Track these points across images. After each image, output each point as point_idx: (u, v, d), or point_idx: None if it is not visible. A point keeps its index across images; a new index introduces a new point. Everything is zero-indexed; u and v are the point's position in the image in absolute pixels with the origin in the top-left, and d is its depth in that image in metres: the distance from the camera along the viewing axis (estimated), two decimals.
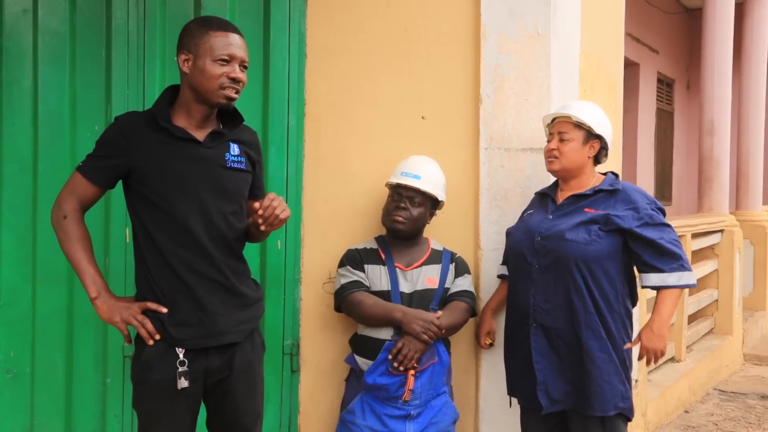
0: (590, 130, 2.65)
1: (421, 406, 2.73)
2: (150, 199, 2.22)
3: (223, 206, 2.28)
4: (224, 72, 2.19)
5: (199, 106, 2.25)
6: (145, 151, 2.21)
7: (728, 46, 6.67)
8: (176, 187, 2.21)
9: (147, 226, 2.22)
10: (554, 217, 2.67)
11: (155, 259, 2.23)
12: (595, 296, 2.55)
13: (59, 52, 2.99)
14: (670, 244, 2.54)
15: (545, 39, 2.99)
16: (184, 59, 2.21)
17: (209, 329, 2.24)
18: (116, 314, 2.21)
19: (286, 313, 3.11)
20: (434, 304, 2.80)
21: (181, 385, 2.18)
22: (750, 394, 5.47)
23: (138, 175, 2.22)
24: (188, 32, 2.23)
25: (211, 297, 2.25)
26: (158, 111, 2.24)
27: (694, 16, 9.73)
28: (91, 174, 2.26)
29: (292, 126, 3.09)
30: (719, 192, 6.64)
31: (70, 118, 2.99)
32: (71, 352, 3.04)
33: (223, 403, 2.33)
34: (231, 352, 2.30)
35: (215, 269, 2.26)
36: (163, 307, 2.21)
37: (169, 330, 2.20)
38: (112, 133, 2.25)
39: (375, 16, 3.12)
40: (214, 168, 2.27)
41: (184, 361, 2.19)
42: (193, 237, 2.22)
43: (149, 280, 2.24)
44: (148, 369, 2.20)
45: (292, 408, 3.13)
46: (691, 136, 10.37)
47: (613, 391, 2.52)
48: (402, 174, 2.84)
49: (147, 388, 2.21)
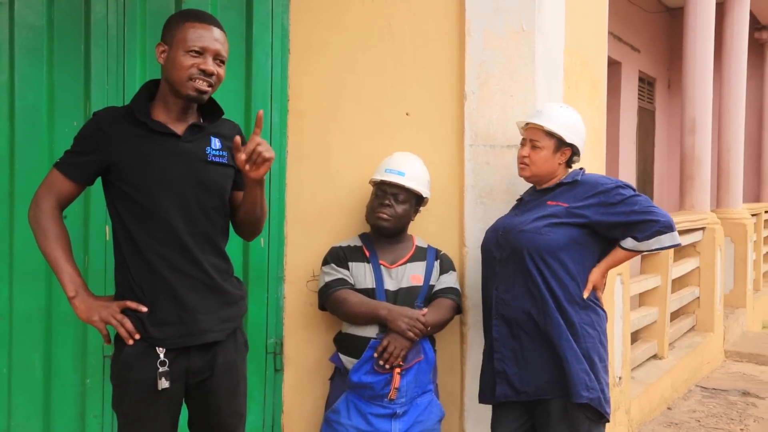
0: (562, 139, 2.65)
1: (406, 404, 2.71)
2: (129, 195, 2.18)
3: (204, 201, 2.24)
4: (195, 63, 2.14)
5: (176, 99, 2.21)
6: (123, 146, 2.17)
7: (709, 46, 6.71)
8: (156, 182, 2.17)
9: (126, 223, 2.18)
10: (519, 213, 2.72)
11: (135, 256, 2.18)
12: (551, 285, 2.56)
13: (36, 46, 2.93)
14: (641, 215, 2.54)
15: (530, 35, 2.97)
16: (161, 51, 2.20)
17: (190, 328, 2.19)
18: (95, 313, 2.16)
19: (270, 311, 3.08)
20: (419, 301, 2.78)
21: (161, 386, 2.14)
22: (731, 391, 5.51)
23: (117, 171, 2.18)
24: (168, 24, 2.21)
25: (192, 295, 2.20)
26: (136, 105, 2.20)
27: (675, 16, 9.80)
28: (69, 171, 2.21)
29: (275, 122, 3.06)
30: (701, 190, 6.68)
31: (48, 113, 2.93)
32: (49, 352, 2.99)
33: (206, 403, 2.29)
34: (213, 351, 2.25)
35: (196, 266, 2.21)
36: (143, 305, 2.17)
37: (149, 329, 2.16)
38: (90, 129, 2.21)
39: (359, 11, 3.09)
40: (194, 162, 2.22)
41: (165, 361, 2.15)
42: (174, 233, 2.18)
43: (128, 279, 2.20)
44: (127, 369, 2.15)
45: (275, 407, 3.10)
46: (672, 135, 10.44)
47: (575, 379, 2.51)
48: (386, 171, 2.81)
49: (127, 388, 2.17)
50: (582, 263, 2.61)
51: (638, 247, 2.57)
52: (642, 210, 2.54)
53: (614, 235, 2.59)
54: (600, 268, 2.62)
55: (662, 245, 2.57)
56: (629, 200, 2.57)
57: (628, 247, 2.58)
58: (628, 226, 2.55)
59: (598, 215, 2.57)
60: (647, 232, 2.53)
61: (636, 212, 2.54)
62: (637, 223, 2.54)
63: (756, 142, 10.03)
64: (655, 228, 2.53)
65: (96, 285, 2.77)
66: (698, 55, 6.68)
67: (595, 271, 2.62)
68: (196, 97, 2.18)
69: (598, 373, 2.57)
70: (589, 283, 2.60)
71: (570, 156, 2.71)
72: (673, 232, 2.56)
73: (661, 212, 2.56)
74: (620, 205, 2.56)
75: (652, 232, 2.53)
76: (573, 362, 2.52)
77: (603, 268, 2.63)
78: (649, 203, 2.58)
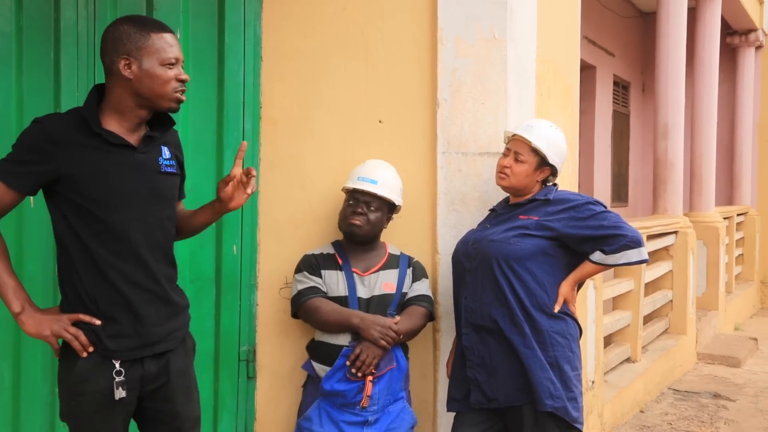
0: (545, 158, 2.68)
1: (378, 412, 2.72)
2: (85, 208, 2.09)
3: (159, 212, 2.21)
4: (173, 75, 2.12)
5: (139, 110, 2.14)
6: (77, 158, 2.07)
7: (681, 50, 6.79)
8: (114, 195, 2.11)
9: (81, 236, 2.10)
10: (491, 226, 2.75)
11: (89, 270, 2.11)
12: (518, 294, 2.58)
13: (5, 53, 2.89)
14: (610, 230, 2.57)
15: (502, 43, 3.00)
16: (124, 64, 2.07)
17: (145, 339, 2.17)
18: (45, 328, 2.09)
19: (242, 318, 3.07)
20: (392, 309, 2.79)
21: (118, 396, 2.11)
22: (703, 393, 5.58)
23: (69, 183, 2.08)
24: (125, 35, 2.09)
25: (147, 307, 2.18)
26: (90, 115, 2.11)
27: (648, 20, 9.89)
28: (11, 180, 2.07)
29: (247, 130, 3.06)
30: (673, 194, 6.75)
31: (17, 121, 2.89)
32: (18, 361, 2.95)
33: (163, 410, 2.26)
34: (166, 358, 2.24)
35: (152, 280, 2.19)
36: (96, 318, 2.11)
37: (105, 342, 2.11)
38: (36, 137, 2.07)
39: (332, 19, 3.09)
40: (149, 174, 2.18)
41: (121, 371, 2.12)
42: (132, 247, 2.14)
43: (79, 291, 2.13)
44: (82, 381, 2.11)
45: (248, 415, 3.09)
46: (646, 139, 10.54)
47: (539, 387, 2.54)
48: (359, 179, 2.82)
49: (82, 400, 2.12)
50: (551, 273, 2.63)
51: (606, 260, 2.60)
52: (611, 225, 2.58)
53: (584, 249, 2.62)
54: (569, 281, 2.65)
55: (630, 260, 2.59)
56: (599, 215, 2.60)
57: (596, 260, 2.60)
58: (596, 240, 2.58)
59: (567, 228, 2.60)
60: (615, 245, 2.56)
61: (605, 227, 2.57)
62: (605, 237, 2.57)
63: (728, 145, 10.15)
64: (623, 242, 2.56)
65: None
66: (671, 60, 6.75)
67: (564, 284, 2.64)
68: (175, 108, 2.17)
69: (568, 381, 2.59)
70: (559, 297, 2.62)
71: (548, 175, 2.75)
72: (641, 247, 2.59)
73: (630, 228, 2.59)
74: (590, 219, 2.59)
75: (620, 246, 2.56)
76: (536, 370, 2.55)
77: (572, 281, 2.66)
78: (619, 219, 2.62)
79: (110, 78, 2.13)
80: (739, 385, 5.83)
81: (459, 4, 3.00)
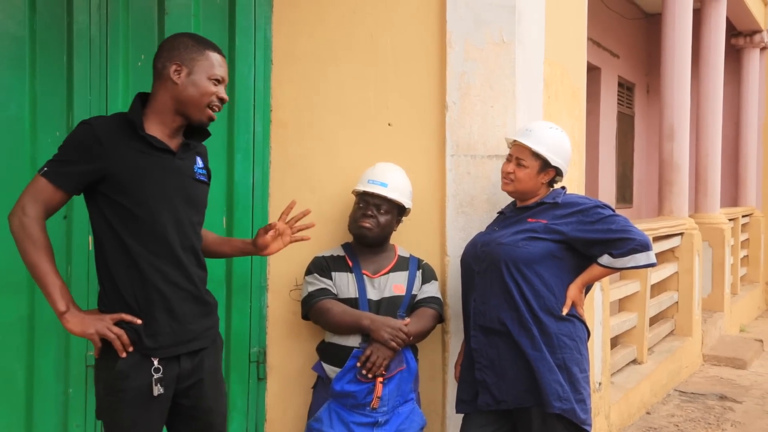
0: (547, 161, 2.70)
1: (388, 413, 2.74)
2: (126, 208, 2.18)
3: (192, 217, 2.33)
4: (215, 91, 2.25)
5: (176, 116, 2.26)
6: (123, 158, 2.16)
7: (686, 52, 6.79)
8: (155, 197, 2.20)
9: (121, 236, 2.18)
10: (499, 228, 2.76)
11: (129, 269, 2.20)
12: (527, 296, 2.60)
13: (18, 56, 2.91)
14: (618, 233, 2.58)
15: (510, 47, 3.01)
16: (175, 69, 2.21)
17: (181, 337, 2.26)
18: (90, 326, 2.16)
19: (253, 320, 3.09)
20: (402, 310, 2.81)
21: (156, 392, 2.19)
22: (709, 395, 5.58)
23: (114, 183, 2.17)
24: (182, 45, 2.24)
25: (183, 306, 2.27)
26: (136, 119, 2.21)
27: (653, 22, 9.90)
28: (58, 180, 2.16)
29: (258, 133, 3.08)
30: (679, 195, 6.75)
31: (31, 124, 2.92)
32: (32, 362, 2.97)
33: (196, 406, 2.34)
34: (200, 356, 2.33)
35: (188, 280, 2.28)
36: (137, 317, 2.19)
37: (144, 340, 2.20)
38: (85, 138, 2.16)
39: (341, 23, 3.11)
40: (185, 179, 2.30)
41: (159, 368, 2.20)
42: (170, 247, 2.23)
43: (120, 288, 2.21)
44: (123, 378, 2.17)
45: (258, 416, 3.11)
46: (650, 140, 10.54)
47: (547, 389, 2.55)
48: (369, 182, 2.84)
49: (122, 396, 2.18)
50: (559, 276, 2.65)
51: (614, 263, 2.61)
52: (619, 228, 2.59)
53: (592, 252, 2.63)
54: (576, 284, 2.67)
55: (638, 263, 2.60)
56: (607, 219, 2.61)
57: (604, 263, 2.62)
58: (604, 244, 2.59)
59: (575, 232, 2.62)
60: (623, 249, 2.57)
61: (613, 230, 2.59)
62: (613, 241, 2.58)
63: (733, 147, 10.15)
64: (631, 246, 2.57)
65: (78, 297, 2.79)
66: (676, 61, 6.76)
67: (572, 287, 2.66)
68: (205, 123, 2.29)
69: (577, 383, 2.61)
70: (567, 299, 2.64)
71: (553, 176, 2.76)
72: (649, 251, 2.60)
73: (638, 232, 2.61)
74: (598, 223, 2.61)
75: (628, 250, 2.57)
76: (545, 372, 2.56)
77: (579, 284, 2.67)
78: (627, 223, 2.63)
79: (158, 82, 2.26)
80: (746, 387, 5.84)
81: (468, 7, 3.02)
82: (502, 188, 2.79)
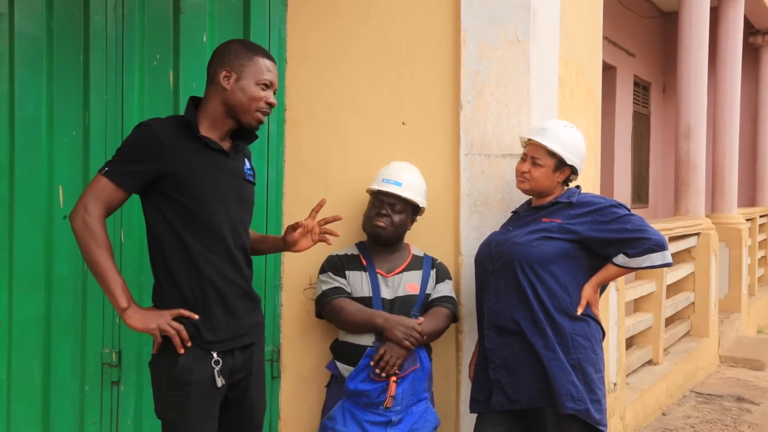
0: (563, 159, 2.69)
1: (402, 412, 2.73)
2: (185, 206, 2.25)
3: (243, 216, 2.41)
4: (264, 96, 2.32)
5: (227, 120, 2.34)
6: (182, 158, 2.24)
7: (704, 50, 6.74)
8: (211, 195, 2.28)
9: (179, 232, 2.25)
10: (514, 228, 2.76)
11: (186, 265, 2.26)
12: (541, 296, 2.59)
13: (36, 56, 2.95)
14: (633, 233, 2.57)
15: (525, 45, 3.00)
16: (225, 75, 2.29)
17: (236, 331, 2.34)
18: (152, 322, 2.21)
19: (267, 319, 3.09)
20: (416, 310, 2.80)
21: (219, 383, 2.27)
22: (726, 396, 5.54)
23: (173, 182, 2.24)
24: (232, 51, 2.31)
25: (237, 301, 2.35)
26: (192, 120, 2.29)
27: (669, 20, 9.84)
28: (120, 179, 2.22)
29: (272, 132, 3.09)
30: (696, 195, 6.71)
31: (47, 123, 2.96)
32: (48, 360, 3.01)
33: (242, 400, 2.42)
34: (250, 350, 2.41)
35: (240, 275, 2.37)
36: (194, 312, 2.26)
37: (204, 334, 2.26)
38: (146, 138, 2.23)
39: (356, 22, 3.11)
40: (237, 180, 2.39)
41: (219, 361, 2.28)
42: (225, 244, 2.31)
43: (178, 286, 2.27)
44: (187, 372, 2.23)
45: (272, 414, 3.12)
46: (667, 139, 10.48)
47: (560, 390, 2.54)
48: (383, 181, 2.84)
49: (188, 390, 2.23)
50: (574, 276, 2.63)
51: (629, 263, 2.59)
52: (634, 228, 2.57)
53: (607, 252, 2.61)
54: (591, 283, 2.65)
55: (653, 263, 2.58)
56: (622, 218, 2.60)
57: (620, 263, 2.60)
58: (620, 243, 2.58)
59: (590, 231, 2.60)
60: (638, 249, 2.56)
61: (628, 230, 2.57)
62: (628, 240, 2.56)
63: (750, 146, 10.08)
64: (647, 245, 2.55)
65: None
66: (693, 60, 6.71)
67: (587, 286, 2.64)
68: (254, 127, 2.36)
69: (592, 384, 2.59)
70: (582, 299, 2.62)
71: (568, 175, 2.75)
72: (665, 251, 2.58)
73: (654, 231, 2.59)
74: (613, 222, 2.59)
75: (643, 249, 2.55)
76: (558, 373, 2.55)
77: (594, 283, 2.66)
78: (642, 222, 2.61)
79: (209, 87, 2.34)
80: (763, 389, 5.78)
81: (482, 6, 3.01)
82: (517, 186, 2.78)
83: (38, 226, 2.95)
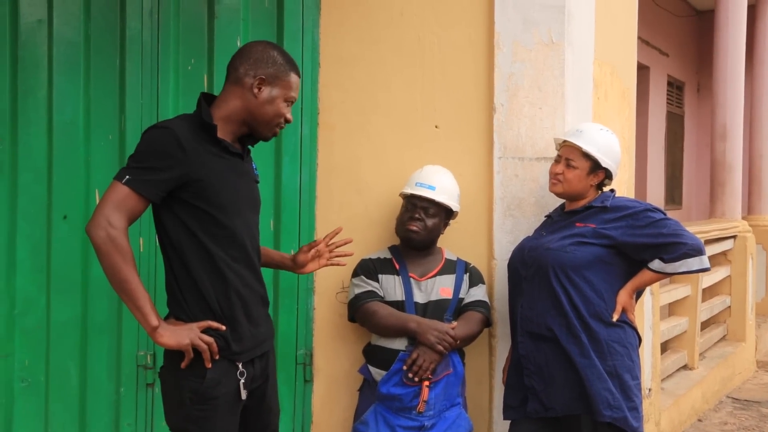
0: (597, 162, 2.65)
1: (434, 417, 2.72)
2: (208, 214, 2.13)
3: (256, 219, 2.35)
4: (285, 113, 2.25)
5: (242, 125, 2.23)
6: (204, 164, 2.11)
7: (740, 49, 6.64)
8: (233, 203, 2.19)
9: (203, 242, 2.14)
10: (547, 233, 2.73)
11: (211, 274, 2.15)
12: (575, 303, 2.56)
13: (74, 61, 2.98)
14: (669, 237, 2.53)
15: (559, 47, 2.98)
16: (258, 83, 2.17)
17: (257, 340, 2.27)
18: (185, 338, 2.08)
19: (299, 322, 3.11)
20: (449, 314, 2.79)
21: (244, 395, 2.20)
22: (764, 402, 5.43)
23: (195, 189, 2.11)
24: (271, 60, 2.20)
25: (257, 309, 2.29)
26: (212, 123, 2.16)
27: (704, 19, 9.70)
28: (143, 188, 2.05)
29: (305, 135, 3.09)
30: (732, 197, 6.60)
31: (85, 127, 2.99)
32: (85, 361, 3.04)
33: (259, 406, 2.35)
34: (266, 357, 2.35)
35: (259, 282, 2.31)
36: (221, 323, 2.16)
37: (232, 345, 2.17)
38: (167, 144, 2.07)
39: (388, 25, 3.11)
40: (251, 183, 2.33)
41: (244, 372, 2.20)
42: (245, 251, 2.23)
43: (204, 297, 2.16)
44: (215, 385, 2.13)
45: (305, 418, 3.13)
46: (701, 140, 10.32)
47: (596, 397, 2.51)
48: (416, 185, 2.83)
49: (215, 404, 2.14)
50: (609, 281, 2.60)
51: (665, 269, 2.55)
52: (670, 233, 2.53)
53: (642, 257, 2.58)
54: (627, 289, 2.61)
55: (690, 268, 2.54)
56: (658, 223, 2.55)
57: (655, 268, 2.56)
58: (655, 248, 2.54)
59: (625, 236, 2.57)
60: (675, 254, 2.51)
61: (664, 234, 2.53)
62: (664, 245, 2.52)
63: None
64: (683, 250, 2.51)
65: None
66: (729, 59, 6.61)
67: (622, 292, 2.61)
68: (268, 139, 2.31)
69: (629, 391, 2.55)
70: (618, 305, 2.59)
71: (603, 179, 2.71)
72: (702, 256, 2.53)
73: (691, 236, 2.54)
74: (648, 227, 2.55)
75: (680, 254, 2.51)
76: (594, 380, 2.52)
77: (630, 289, 2.62)
78: (679, 227, 2.56)
79: (234, 87, 2.21)
80: None
81: (516, 8, 2.99)
82: (550, 189, 2.75)
83: (75, 230, 2.98)
